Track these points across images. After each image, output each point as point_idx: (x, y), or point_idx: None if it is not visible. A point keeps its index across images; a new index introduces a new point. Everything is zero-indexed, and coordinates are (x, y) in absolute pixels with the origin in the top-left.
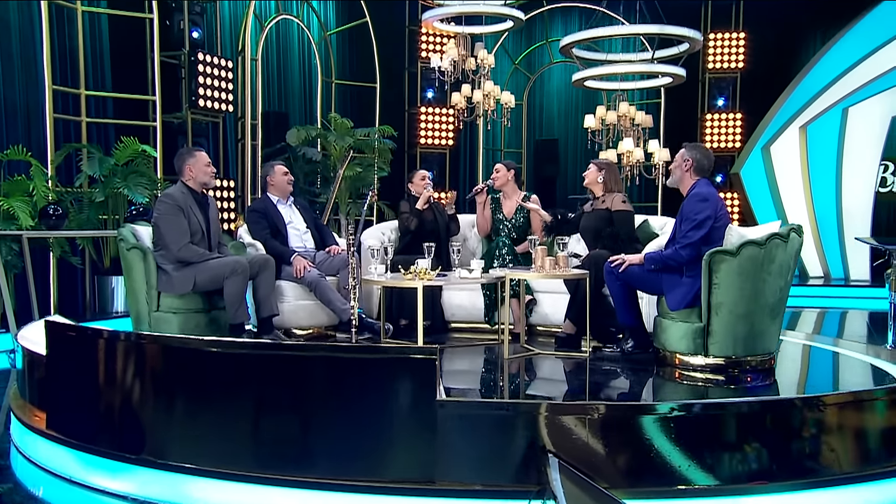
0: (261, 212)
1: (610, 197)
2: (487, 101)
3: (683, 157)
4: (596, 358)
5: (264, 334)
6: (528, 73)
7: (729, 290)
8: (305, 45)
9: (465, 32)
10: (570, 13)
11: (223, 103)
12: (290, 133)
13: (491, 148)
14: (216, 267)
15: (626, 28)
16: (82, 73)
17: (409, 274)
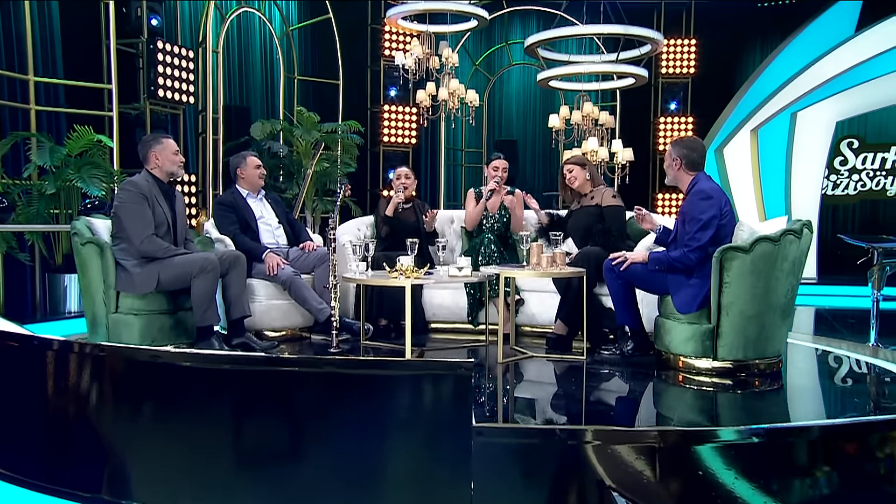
0: (229, 205)
1: (599, 192)
2: (452, 100)
3: (672, 157)
4: (594, 361)
5: (235, 337)
6: (488, 74)
7: (740, 289)
8: (267, 39)
9: (429, 31)
10: (528, 16)
11: (184, 94)
12: (254, 127)
13: (452, 147)
14: (183, 264)
15: (591, 28)
16: (30, 57)
17: (394, 272)
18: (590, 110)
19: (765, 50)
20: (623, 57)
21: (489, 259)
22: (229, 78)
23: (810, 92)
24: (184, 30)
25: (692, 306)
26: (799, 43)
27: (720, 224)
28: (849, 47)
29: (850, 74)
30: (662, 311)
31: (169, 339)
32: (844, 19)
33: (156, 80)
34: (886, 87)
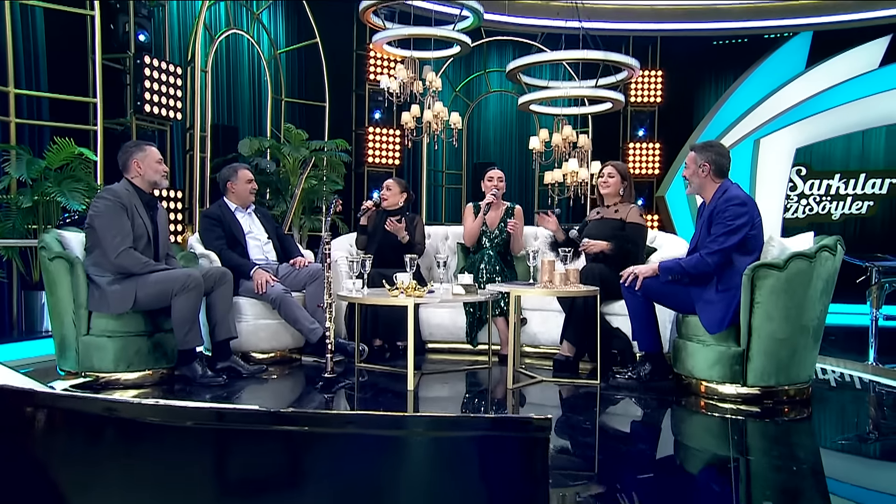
0: (215, 219)
1: (625, 207)
2: (436, 122)
3: (698, 162)
4: (610, 387)
5: (219, 361)
6: (467, 100)
7: (773, 309)
8: (256, 61)
9: (413, 56)
10: (505, 46)
11: (171, 110)
12: (242, 143)
13: (433, 168)
14: (163, 280)
15: (572, 53)
16: (11, 69)
17: (394, 290)
18: (569, 133)
19: (719, 83)
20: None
21: (489, 276)
22: (218, 97)
23: (771, 120)
24: (173, 48)
25: (721, 324)
26: (758, 75)
27: (750, 234)
28: (802, 81)
29: (805, 105)
30: (683, 332)
31: (147, 363)
32: (796, 56)
33: (142, 94)
34: (838, 118)
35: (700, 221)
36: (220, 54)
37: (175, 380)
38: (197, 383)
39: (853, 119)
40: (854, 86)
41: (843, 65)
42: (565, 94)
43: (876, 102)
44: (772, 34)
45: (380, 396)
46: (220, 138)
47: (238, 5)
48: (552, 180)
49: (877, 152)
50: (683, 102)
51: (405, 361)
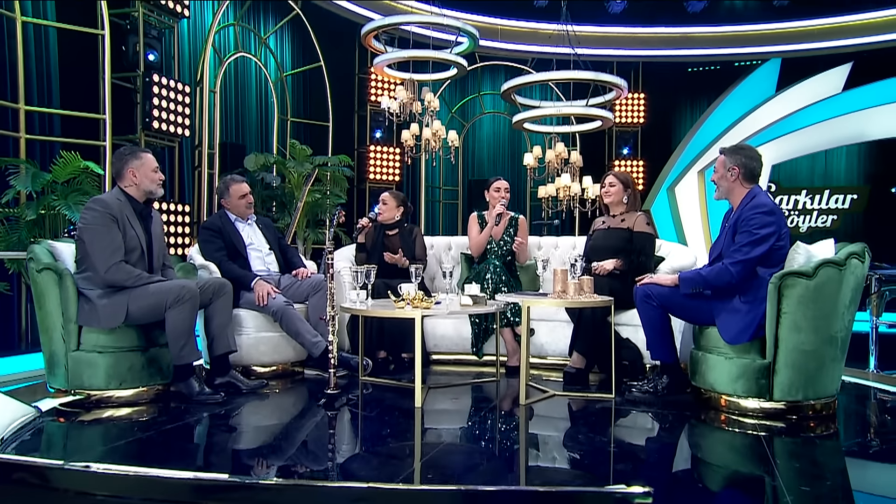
0: (216, 230)
1: (631, 216)
2: (435, 139)
3: (727, 166)
4: (626, 401)
5: (218, 376)
6: (462, 121)
7: (801, 319)
8: (263, 83)
9: (412, 78)
10: (497, 70)
11: (179, 127)
12: (247, 159)
13: (431, 185)
14: (156, 293)
15: (565, 73)
16: (22, 86)
17: (400, 301)
18: (561, 150)
19: (694, 107)
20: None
21: (496, 286)
22: (226, 116)
23: (746, 139)
24: (183, 68)
25: (743, 336)
26: (733, 98)
27: (776, 245)
28: (773, 104)
29: (778, 126)
30: (701, 343)
31: (141, 380)
32: (767, 80)
33: (151, 111)
34: (806, 138)
35: (725, 228)
36: (229, 75)
37: (171, 396)
38: (194, 401)
39: (819, 139)
40: (819, 109)
41: (810, 89)
42: (558, 112)
43: (839, 124)
44: (742, 61)
45: (386, 415)
46: (227, 156)
47: (246, 30)
48: (546, 194)
49: (838, 170)
50: (663, 123)
51: (411, 374)
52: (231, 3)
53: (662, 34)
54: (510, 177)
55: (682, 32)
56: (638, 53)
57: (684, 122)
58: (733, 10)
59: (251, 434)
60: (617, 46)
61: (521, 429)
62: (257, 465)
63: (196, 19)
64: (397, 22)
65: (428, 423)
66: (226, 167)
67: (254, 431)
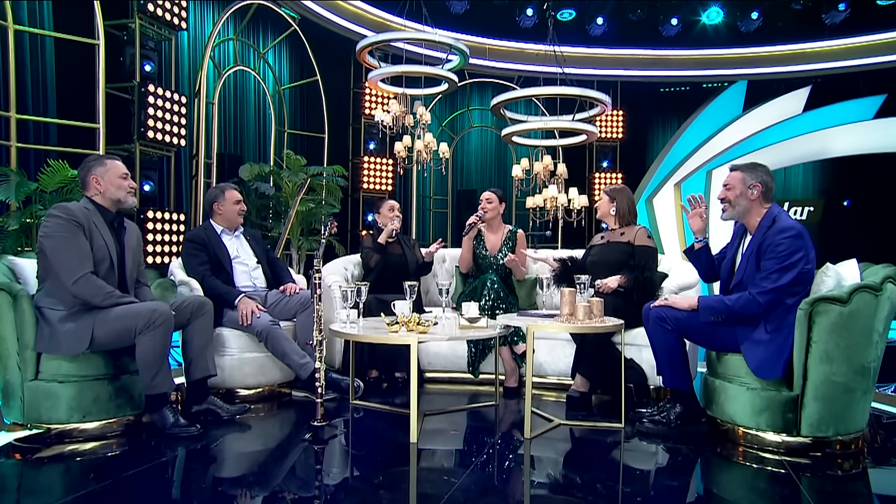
0: (199, 243)
1: (630, 230)
2: (426, 151)
3: (747, 183)
4: (638, 433)
5: (196, 403)
6: (452, 134)
7: (833, 349)
8: (261, 95)
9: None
10: (485, 87)
11: (175, 137)
12: (242, 168)
13: (422, 194)
14: (125, 317)
15: (552, 89)
16: (14, 94)
17: (393, 324)
18: (548, 162)
19: (666, 126)
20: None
21: (493, 303)
22: (224, 127)
23: (718, 155)
24: (182, 80)
25: (775, 370)
26: (704, 117)
27: (804, 269)
28: (741, 122)
29: (746, 143)
30: (719, 371)
31: (108, 411)
32: (734, 101)
33: (146, 121)
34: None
35: (745, 255)
36: (228, 88)
37: (142, 429)
38: (167, 434)
39: (783, 156)
40: (782, 128)
41: (774, 110)
42: (545, 126)
43: (800, 143)
44: (710, 83)
45: (378, 454)
46: (225, 166)
47: (245, 45)
48: (534, 205)
49: (796, 185)
50: (640, 139)
51: (404, 397)
52: (230, 17)
53: (639, 56)
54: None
55: (657, 55)
56: (617, 73)
57: (658, 138)
58: (704, 35)
59: (227, 476)
60: (597, 66)
61: (526, 472)
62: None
63: (196, 32)
64: (391, 38)
65: (424, 462)
66: (223, 177)
67: (230, 470)
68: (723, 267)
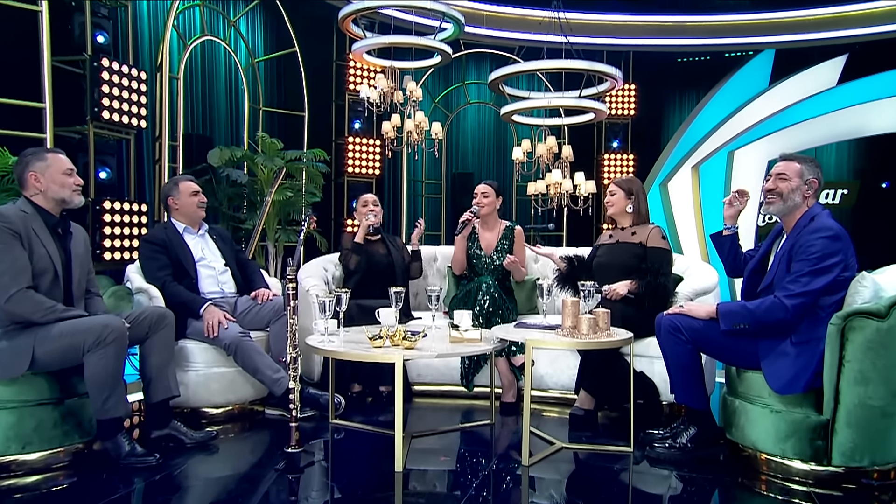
0: (159, 244)
1: (643, 230)
2: (418, 131)
3: (805, 177)
4: (648, 458)
5: (156, 428)
6: (446, 111)
7: (869, 369)
8: (232, 69)
9: (393, 66)
10: (482, 59)
11: (134, 117)
12: (211, 153)
13: (413, 179)
14: (71, 333)
15: (556, 62)
16: None
17: (377, 337)
18: (552, 144)
19: (683, 100)
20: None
21: (489, 309)
22: (191, 106)
23: (742, 133)
24: (142, 53)
25: (795, 385)
26: (726, 91)
27: (840, 277)
28: (768, 97)
29: (773, 120)
30: (739, 390)
31: (53, 440)
32: (760, 73)
33: (100, 100)
34: (804, 133)
35: (777, 255)
36: (195, 61)
37: (94, 458)
38: (121, 464)
39: (815, 135)
40: (814, 103)
41: (804, 82)
42: (549, 103)
43: (835, 120)
44: (733, 52)
45: (360, 484)
46: (193, 148)
47: (213, 12)
48: (535, 191)
49: (828, 165)
50: (654, 116)
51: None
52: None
53: (653, 23)
54: (496, 171)
55: (673, 21)
56: (628, 42)
57: (675, 115)
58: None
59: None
60: (607, 35)
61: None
62: None
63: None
64: (377, 5)
65: (410, 493)
66: (191, 161)
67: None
68: (746, 270)
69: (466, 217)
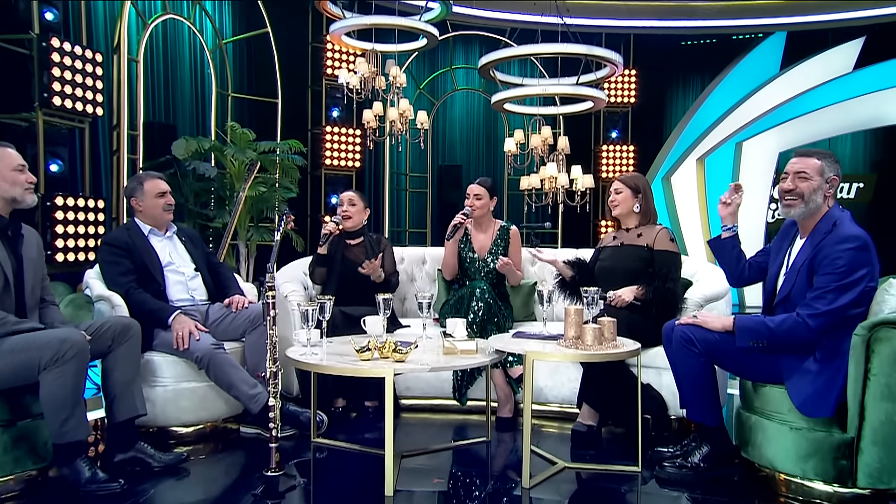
0: (122, 247)
1: (650, 231)
2: (401, 120)
3: (826, 175)
4: (658, 479)
5: (120, 451)
6: (432, 98)
7: None
8: (197, 51)
9: (375, 49)
10: (471, 42)
11: (89, 104)
12: (176, 144)
13: (396, 172)
14: (24, 347)
15: (551, 46)
16: None
17: (363, 350)
18: (547, 135)
19: (687, 85)
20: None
21: (483, 318)
22: (153, 91)
23: (751, 123)
24: (97, 33)
25: (824, 407)
26: (733, 77)
27: (867, 287)
28: (779, 83)
29: (785, 108)
30: (755, 405)
31: (2, 467)
32: (770, 57)
33: (49, 84)
34: (818, 122)
35: (795, 266)
36: (156, 42)
37: (50, 485)
38: (81, 491)
39: (829, 125)
40: (829, 90)
41: (818, 68)
42: (544, 91)
43: (851, 108)
44: (742, 34)
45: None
46: (154, 138)
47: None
48: (529, 186)
49: (843, 157)
50: (656, 104)
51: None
52: None
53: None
54: (486, 164)
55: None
56: (629, 24)
57: (678, 103)
58: None
59: None
60: (606, 16)
61: None
62: None
63: None
64: None
65: None
66: (153, 152)
67: None
68: (767, 279)
69: (458, 220)
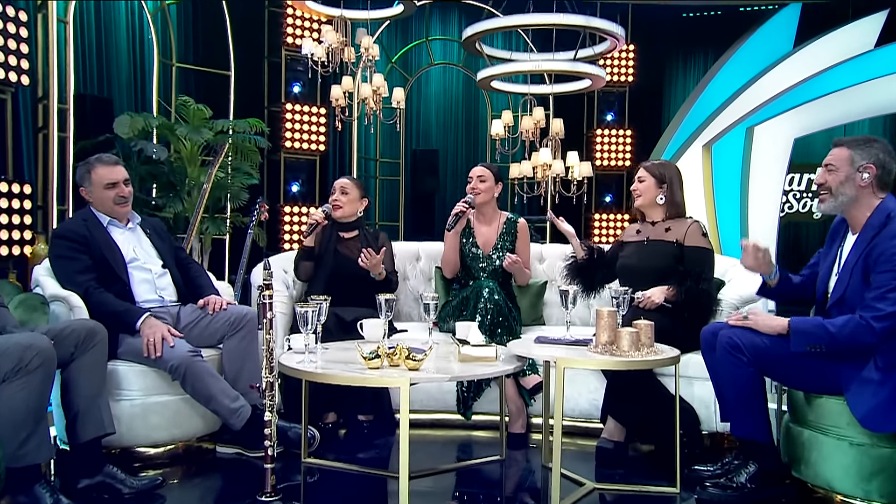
0: (78, 241)
1: (680, 225)
2: (376, 98)
3: (856, 164)
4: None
5: (86, 476)
6: (406, 73)
7: None
8: (136, 13)
9: (343, 16)
10: (449, 10)
11: (12, 71)
12: (119, 121)
13: (364, 156)
14: None
15: (546, 17)
16: None
17: (372, 357)
18: (540, 117)
19: (692, 64)
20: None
21: (492, 322)
22: (84, 59)
23: (763, 106)
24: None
25: (890, 420)
26: (742, 53)
27: None
28: (793, 62)
29: (801, 89)
30: (808, 418)
31: None
32: (783, 33)
33: None
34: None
35: (847, 263)
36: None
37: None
38: None
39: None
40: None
41: (836, 45)
42: (537, 67)
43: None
44: (751, 6)
45: None
46: (87, 113)
47: None
48: (520, 174)
49: None
50: (655, 84)
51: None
52: None
53: None
54: (467, 148)
55: None
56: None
57: (680, 83)
58: None
59: None
60: None
61: None
62: None
63: None
64: None
65: None
66: (85, 129)
67: None
68: (818, 281)
69: (460, 208)
